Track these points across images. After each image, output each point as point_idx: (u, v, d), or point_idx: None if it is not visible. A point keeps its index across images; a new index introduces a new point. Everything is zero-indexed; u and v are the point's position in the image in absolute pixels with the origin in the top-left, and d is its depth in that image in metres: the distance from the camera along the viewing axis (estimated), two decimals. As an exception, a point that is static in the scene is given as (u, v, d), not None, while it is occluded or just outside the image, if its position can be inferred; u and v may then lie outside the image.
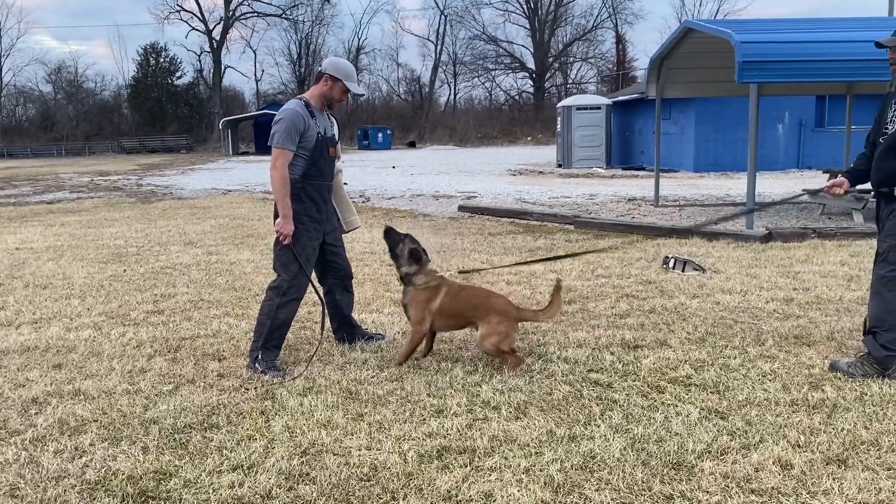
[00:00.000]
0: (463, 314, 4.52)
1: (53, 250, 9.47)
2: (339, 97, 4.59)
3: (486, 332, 4.36)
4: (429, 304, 4.48)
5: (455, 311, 4.51)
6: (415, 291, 4.52)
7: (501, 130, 61.90)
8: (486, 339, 4.35)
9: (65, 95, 71.51)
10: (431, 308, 4.48)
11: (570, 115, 27.01)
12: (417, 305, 4.49)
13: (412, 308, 4.52)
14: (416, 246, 4.58)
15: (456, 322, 4.60)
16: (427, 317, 4.48)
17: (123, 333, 5.39)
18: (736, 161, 21.90)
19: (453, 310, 4.50)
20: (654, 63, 12.74)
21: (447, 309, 4.49)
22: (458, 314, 4.52)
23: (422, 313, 4.48)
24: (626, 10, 70.27)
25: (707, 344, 4.86)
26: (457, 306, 4.50)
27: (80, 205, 16.42)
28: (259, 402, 3.97)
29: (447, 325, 4.63)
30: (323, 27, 73.15)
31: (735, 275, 6.99)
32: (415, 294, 4.52)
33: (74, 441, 3.52)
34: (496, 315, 4.40)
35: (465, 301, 4.54)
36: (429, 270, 4.58)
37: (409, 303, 4.55)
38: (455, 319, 4.56)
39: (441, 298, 4.49)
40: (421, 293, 4.50)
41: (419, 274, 4.53)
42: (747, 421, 3.60)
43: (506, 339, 4.37)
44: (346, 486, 3.03)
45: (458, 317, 4.54)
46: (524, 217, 11.90)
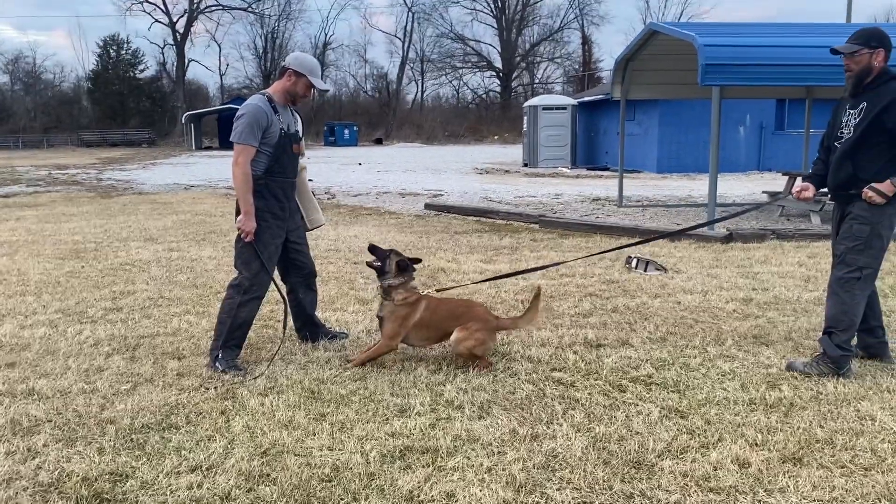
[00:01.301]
0: (443, 326, 4.47)
1: (8, 245, 9.22)
2: (303, 93, 4.54)
3: (462, 336, 4.35)
4: (406, 319, 4.44)
5: (435, 324, 4.48)
6: (393, 306, 4.46)
7: (469, 129, 61.98)
8: (462, 342, 4.34)
9: (22, 87, 69.71)
10: (409, 323, 4.44)
11: (536, 115, 27.14)
12: (395, 320, 4.44)
13: (389, 322, 4.46)
14: (402, 258, 4.55)
15: (434, 334, 4.53)
16: (402, 332, 4.45)
17: (80, 331, 5.27)
18: (698, 162, 22.21)
19: (433, 322, 4.48)
20: (619, 64, 12.85)
21: (426, 322, 4.46)
22: (438, 326, 4.49)
23: (397, 328, 4.44)
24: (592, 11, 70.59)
25: (668, 343, 4.92)
26: (437, 319, 4.48)
27: (36, 199, 16.02)
28: (219, 402, 3.91)
29: (424, 338, 4.56)
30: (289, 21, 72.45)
31: (696, 275, 7.10)
32: (393, 308, 4.46)
33: (27, 442, 3.43)
34: (475, 322, 4.41)
35: (448, 312, 4.53)
36: (410, 286, 4.55)
37: (385, 316, 4.49)
38: (434, 332, 4.51)
39: (421, 313, 4.46)
40: (400, 308, 4.45)
41: (400, 288, 4.48)
42: (706, 420, 3.65)
43: (481, 345, 4.38)
44: (308, 487, 3.00)
45: (438, 329, 4.50)
46: (490, 216, 11.94)
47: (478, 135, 60.10)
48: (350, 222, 11.49)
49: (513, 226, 10.95)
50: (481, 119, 65.92)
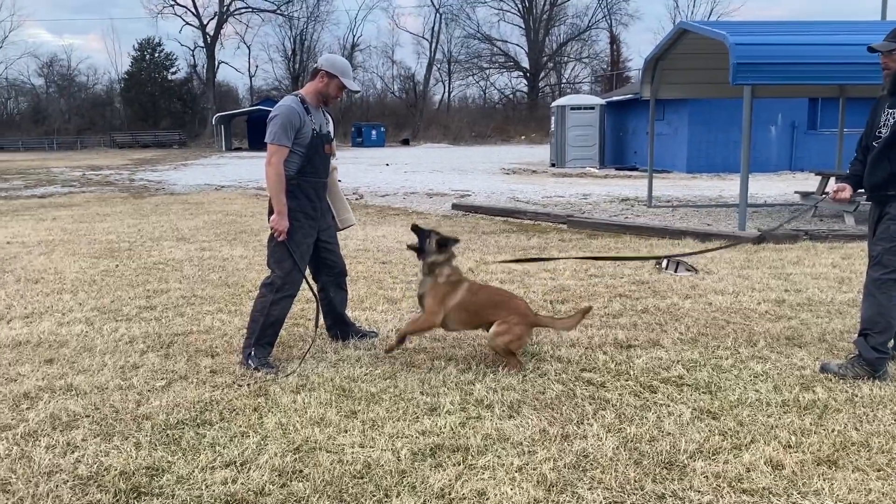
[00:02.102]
0: (481, 313, 4.48)
1: (45, 245, 9.42)
2: (335, 94, 4.59)
3: (501, 329, 4.35)
4: (447, 297, 4.46)
5: (474, 309, 4.49)
6: (435, 283, 4.49)
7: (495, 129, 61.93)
8: (500, 336, 4.34)
9: (57, 89, 71.08)
10: (449, 302, 4.46)
11: (564, 115, 27.04)
12: (435, 297, 4.47)
13: (429, 297, 4.48)
14: (441, 236, 4.58)
15: (471, 320, 4.54)
16: (442, 310, 4.45)
17: (116, 329, 5.37)
18: (728, 162, 21.97)
19: (473, 306, 4.48)
20: (649, 64, 12.77)
21: (466, 305, 4.47)
22: (476, 312, 4.49)
23: (438, 306, 4.45)
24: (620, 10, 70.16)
25: (699, 344, 4.88)
26: (476, 303, 4.48)
27: (71, 199, 16.34)
28: (252, 399, 3.96)
29: (462, 322, 4.57)
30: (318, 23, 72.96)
31: (727, 276, 7.03)
32: (435, 285, 4.49)
33: (66, 436, 3.51)
34: (516, 316, 4.41)
35: (487, 299, 4.54)
36: (454, 265, 4.57)
37: (426, 293, 4.51)
38: (472, 317, 4.52)
39: (462, 294, 4.48)
40: (441, 286, 4.48)
41: (445, 266, 4.51)
42: (739, 421, 3.62)
43: (517, 340, 4.38)
44: (340, 484, 3.03)
45: (476, 314, 4.50)
46: (517, 216, 11.92)
47: (504, 135, 60.02)
48: (378, 222, 11.55)
49: (540, 226, 10.93)
50: (508, 119, 65.82)
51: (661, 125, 23.17)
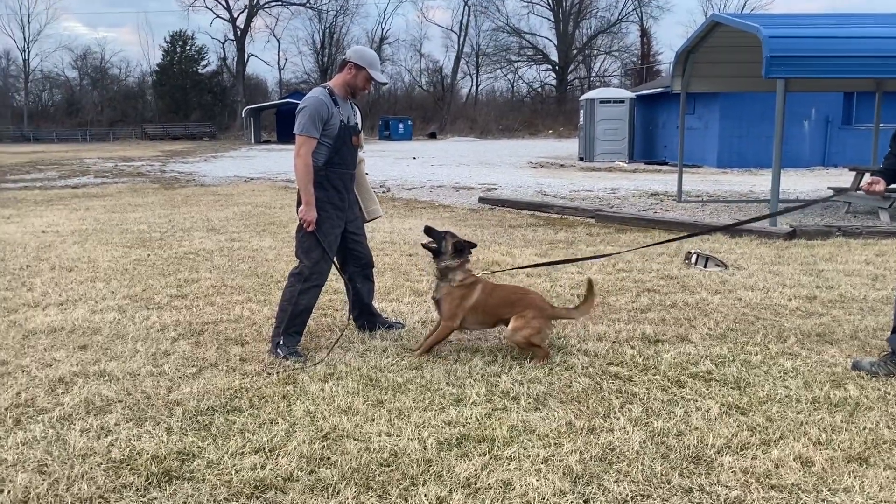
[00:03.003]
0: (497, 311, 4.50)
1: (79, 234, 9.60)
2: (363, 86, 4.61)
3: (519, 324, 4.37)
4: (464, 300, 4.48)
5: (490, 308, 4.51)
6: (450, 287, 4.51)
7: (523, 123, 61.66)
8: (519, 331, 4.36)
9: (90, 81, 72.19)
10: (466, 305, 4.48)
11: (593, 109, 26.86)
12: (452, 301, 4.49)
13: (446, 303, 4.51)
14: (458, 240, 4.59)
15: (489, 319, 4.57)
16: (460, 313, 4.49)
17: (147, 317, 5.46)
18: (760, 157, 21.67)
19: (489, 306, 4.51)
20: (680, 57, 12.63)
21: (482, 305, 4.50)
22: (492, 311, 4.52)
23: (455, 309, 4.48)
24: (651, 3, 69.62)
25: (728, 340, 4.84)
26: (492, 303, 4.51)
27: (104, 190, 16.61)
28: (281, 387, 4.01)
29: (479, 322, 4.61)
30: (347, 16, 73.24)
31: (757, 271, 6.94)
32: (450, 290, 4.51)
33: (100, 420, 3.58)
34: (532, 310, 4.42)
35: (502, 298, 4.55)
36: (467, 268, 4.59)
37: (442, 298, 4.54)
38: (489, 316, 4.55)
39: (477, 295, 4.50)
40: (457, 290, 4.50)
41: (458, 270, 4.53)
42: (768, 417, 3.59)
43: (538, 333, 4.38)
44: (367, 471, 3.06)
45: (493, 314, 4.53)
46: (545, 210, 11.88)
47: (532, 129, 59.75)
48: (405, 215, 11.58)
49: (568, 220, 10.88)
50: (536, 113, 65.46)
51: (691, 119, 22.91)
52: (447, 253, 4.54)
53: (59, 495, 2.89)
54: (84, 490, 2.92)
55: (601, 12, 71.35)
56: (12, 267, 7.36)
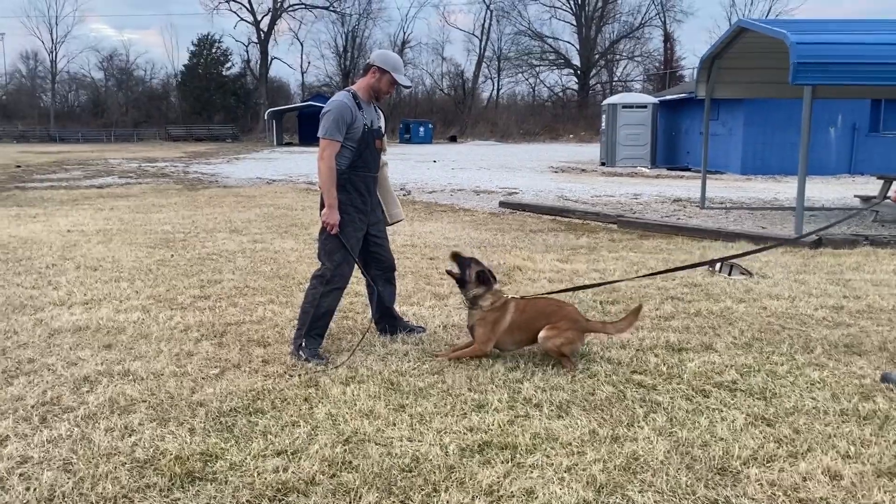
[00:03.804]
0: (533, 326, 4.46)
1: (103, 234, 9.70)
2: (387, 89, 4.63)
3: (551, 333, 4.34)
4: (497, 324, 4.48)
5: (525, 325, 4.48)
6: (482, 312, 4.51)
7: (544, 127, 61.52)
8: (550, 339, 4.33)
9: (115, 82, 73.11)
10: (500, 328, 4.48)
11: (615, 113, 26.73)
12: (485, 325, 4.48)
13: (479, 328, 4.50)
14: (482, 268, 4.58)
15: (526, 336, 4.52)
16: (493, 337, 4.48)
17: (171, 317, 5.50)
18: (784, 164, 21.44)
19: (524, 323, 4.48)
20: (705, 62, 12.53)
21: (518, 323, 4.48)
22: (528, 327, 4.48)
23: (490, 334, 4.48)
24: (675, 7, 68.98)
25: (753, 349, 4.78)
26: (527, 319, 4.48)
27: (128, 190, 16.78)
28: (303, 389, 4.02)
29: (517, 341, 4.56)
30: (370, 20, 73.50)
31: (783, 280, 6.86)
32: (482, 315, 4.50)
33: (124, 420, 3.60)
34: (566, 321, 4.41)
35: (537, 312, 4.52)
36: (495, 290, 4.58)
37: (476, 324, 4.52)
38: (525, 333, 4.51)
39: (511, 315, 4.49)
40: (489, 314, 4.50)
41: (486, 295, 4.53)
42: (795, 429, 3.53)
43: (569, 344, 4.37)
44: (389, 476, 3.05)
45: (529, 329, 4.48)
46: (566, 215, 11.83)
47: (553, 133, 59.59)
48: (425, 219, 11.59)
49: (590, 225, 10.82)
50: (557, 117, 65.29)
51: (715, 125, 22.73)
52: (471, 282, 4.53)
53: (84, 494, 2.91)
54: (108, 489, 2.94)
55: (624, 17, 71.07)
56: (38, 266, 7.45)
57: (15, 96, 71.49)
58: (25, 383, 4.10)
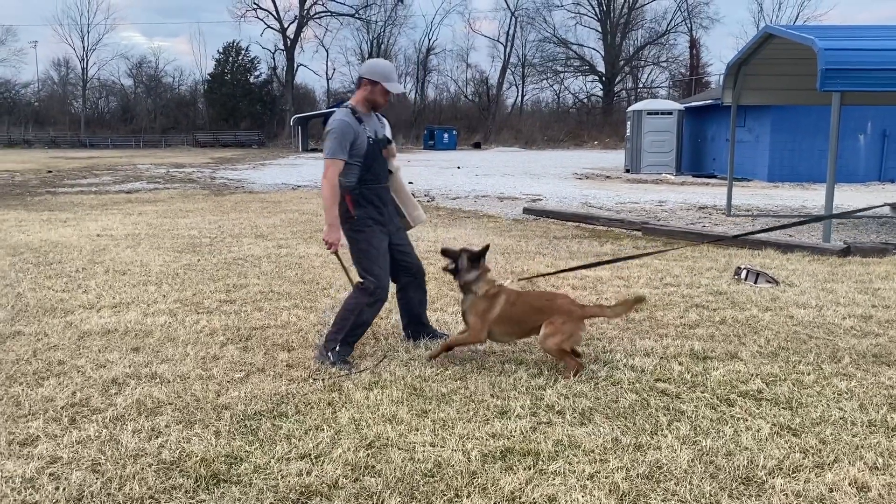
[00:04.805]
0: (525, 320, 4.46)
1: (132, 238, 9.84)
2: (382, 99, 4.62)
3: (549, 331, 4.33)
4: (487, 312, 4.47)
5: (517, 318, 4.47)
6: (474, 298, 4.53)
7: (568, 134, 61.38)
8: (549, 338, 4.32)
9: (144, 89, 74.22)
10: (490, 316, 4.47)
11: (640, 120, 26.59)
12: (476, 314, 4.49)
13: (471, 314, 4.53)
14: (471, 252, 4.61)
15: (518, 329, 4.54)
16: (484, 325, 4.47)
17: (197, 321, 5.57)
18: (812, 171, 21.18)
19: (514, 316, 4.47)
20: (731, 69, 12.44)
21: (508, 315, 4.46)
22: (519, 320, 4.48)
23: (480, 321, 4.48)
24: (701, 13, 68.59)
25: (779, 358, 4.73)
26: (517, 312, 4.47)
27: (156, 195, 17.01)
28: (326, 394, 4.05)
29: (508, 333, 4.58)
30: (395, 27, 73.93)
31: (810, 289, 6.77)
32: (474, 301, 4.53)
33: (151, 422, 3.66)
34: (561, 315, 4.37)
35: (528, 305, 4.51)
36: (489, 279, 4.59)
37: (467, 310, 4.56)
38: (517, 326, 4.51)
39: (501, 306, 4.47)
40: (480, 301, 4.50)
41: (479, 282, 4.54)
42: (821, 439, 3.49)
43: (569, 339, 4.34)
44: (411, 481, 3.06)
45: (520, 322, 4.48)
46: (590, 221, 11.78)
47: (578, 140, 59.44)
48: (449, 224, 11.61)
49: (614, 232, 10.77)
50: (581, 124, 65.15)
51: (741, 132, 22.53)
52: (464, 269, 4.56)
53: (112, 494, 2.96)
54: (135, 490, 2.99)
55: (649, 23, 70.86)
56: (69, 269, 7.59)
57: (47, 103, 72.84)
58: (55, 384, 4.18)
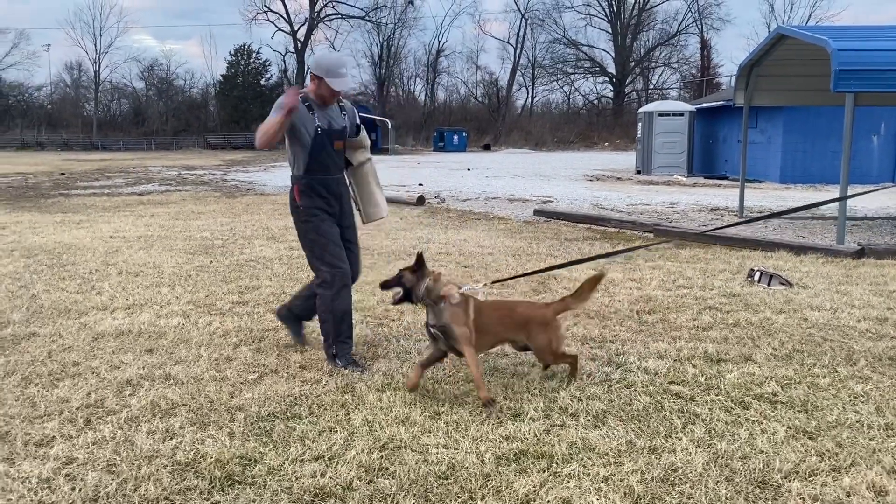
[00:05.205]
0: (492, 331, 4.13)
1: (144, 240, 9.89)
2: (328, 94, 4.51)
3: (540, 345, 4.16)
4: (466, 313, 4.04)
5: (483, 327, 4.08)
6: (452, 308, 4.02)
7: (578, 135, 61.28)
8: (543, 352, 4.20)
9: (156, 92, 74.65)
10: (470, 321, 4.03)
11: (651, 121, 26.52)
12: (459, 319, 4.01)
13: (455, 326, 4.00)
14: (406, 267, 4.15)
15: (486, 340, 4.14)
16: (470, 327, 4.01)
17: (210, 322, 5.59)
18: (825, 173, 21.05)
19: (481, 325, 4.07)
20: (744, 70, 12.39)
21: (477, 324, 4.05)
22: (486, 331, 4.10)
23: (466, 327, 4.01)
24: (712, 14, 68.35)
25: (794, 361, 4.69)
26: (484, 322, 4.09)
27: (168, 197, 17.09)
28: (339, 395, 4.05)
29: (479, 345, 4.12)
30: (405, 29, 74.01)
31: (824, 291, 6.73)
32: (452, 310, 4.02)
33: (165, 423, 3.67)
34: (533, 325, 4.15)
35: (494, 318, 4.18)
36: (445, 281, 4.13)
37: (448, 321, 4.01)
38: (484, 336, 4.11)
39: (471, 311, 4.06)
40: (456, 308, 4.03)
41: (438, 286, 4.06)
42: (838, 443, 3.46)
43: (557, 340, 4.20)
44: (425, 483, 3.06)
45: (488, 333, 4.12)
46: (601, 223, 11.75)
47: (588, 141, 59.34)
48: (459, 226, 11.60)
49: (625, 234, 10.74)
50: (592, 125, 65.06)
51: (753, 133, 22.43)
52: (411, 283, 4.07)
53: (127, 495, 2.97)
54: (151, 491, 3.00)
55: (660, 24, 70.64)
56: (82, 271, 7.63)
57: (59, 105, 73.40)
58: (70, 386, 4.20)
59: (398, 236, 10.14)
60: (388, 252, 8.80)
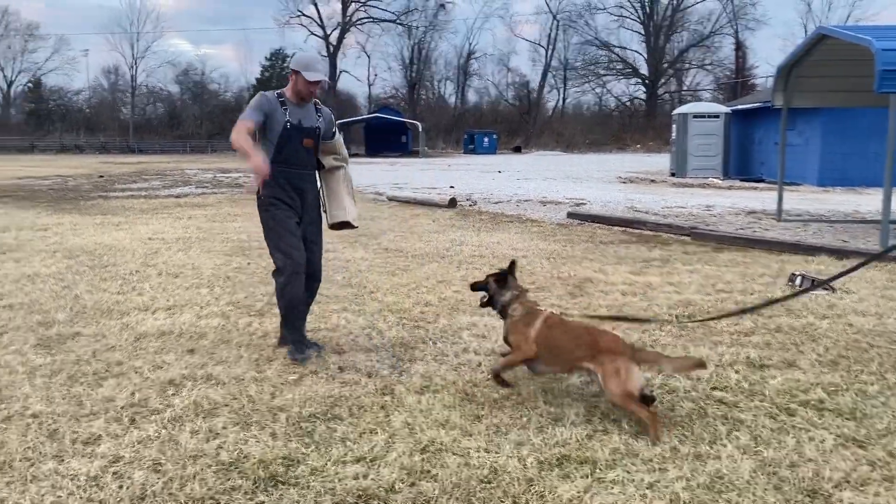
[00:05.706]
0: (562, 350, 3.95)
1: (183, 241, 10.03)
2: (306, 88, 4.72)
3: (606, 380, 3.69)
4: (528, 328, 4.05)
5: (553, 344, 3.98)
6: (512, 321, 4.16)
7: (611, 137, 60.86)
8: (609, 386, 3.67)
9: (191, 96, 75.78)
10: (531, 332, 4.03)
11: (686, 123, 26.23)
12: (517, 331, 4.10)
13: (512, 335, 4.13)
14: (495, 274, 4.32)
15: (556, 359, 4.00)
16: (529, 339, 4.02)
17: (250, 323, 5.64)
18: (865, 176, 20.60)
19: (550, 341, 3.98)
20: (783, 71, 12.19)
21: (545, 340, 3.99)
22: (556, 348, 3.97)
23: (523, 336, 4.04)
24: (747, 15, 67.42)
25: (840, 367, 4.59)
26: (554, 338, 3.98)
27: (204, 199, 17.33)
28: (378, 397, 4.06)
29: (546, 361, 4.04)
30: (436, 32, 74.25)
31: (869, 296, 6.58)
32: (512, 322, 4.15)
33: (209, 423, 3.71)
34: (610, 355, 3.73)
35: (566, 335, 4.00)
36: (525, 301, 4.23)
37: (508, 331, 4.18)
38: (552, 354, 3.99)
39: (539, 326, 4.02)
40: (517, 319, 4.13)
41: (515, 303, 4.19)
42: (889, 452, 3.38)
43: (630, 380, 3.64)
44: (468, 487, 3.05)
45: (557, 351, 3.97)
46: (637, 226, 11.64)
47: (620, 143, 58.90)
48: (492, 229, 11.57)
49: (662, 237, 10.62)
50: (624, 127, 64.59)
51: (791, 135, 21.99)
52: (494, 292, 4.27)
53: (173, 494, 3.01)
54: (196, 490, 3.03)
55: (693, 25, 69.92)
56: (123, 272, 7.76)
57: (97, 109, 74.91)
58: (115, 385, 4.26)
59: (431, 238, 10.14)
60: (419, 254, 8.80)
